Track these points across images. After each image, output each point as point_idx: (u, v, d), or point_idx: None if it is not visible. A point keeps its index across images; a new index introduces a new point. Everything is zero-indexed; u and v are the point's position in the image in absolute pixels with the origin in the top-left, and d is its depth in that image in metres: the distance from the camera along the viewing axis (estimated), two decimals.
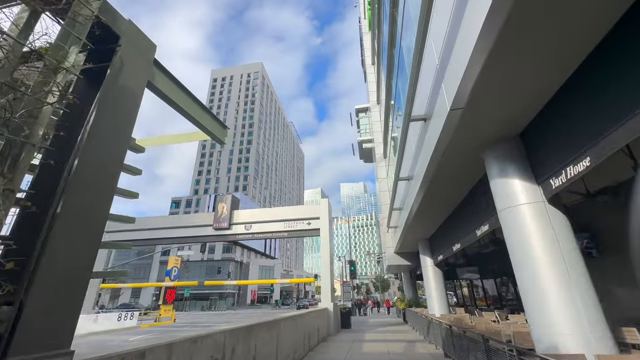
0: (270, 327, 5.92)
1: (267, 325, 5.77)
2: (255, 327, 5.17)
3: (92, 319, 16.83)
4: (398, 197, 11.47)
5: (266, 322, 5.78)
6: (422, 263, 13.40)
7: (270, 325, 5.94)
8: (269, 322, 5.92)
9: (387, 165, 19.21)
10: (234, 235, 16.72)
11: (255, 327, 5.17)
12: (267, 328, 5.80)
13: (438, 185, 7.27)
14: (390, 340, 11.09)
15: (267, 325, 5.77)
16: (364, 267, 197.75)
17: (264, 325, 5.62)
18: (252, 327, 5.08)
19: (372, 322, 20.24)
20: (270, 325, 5.94)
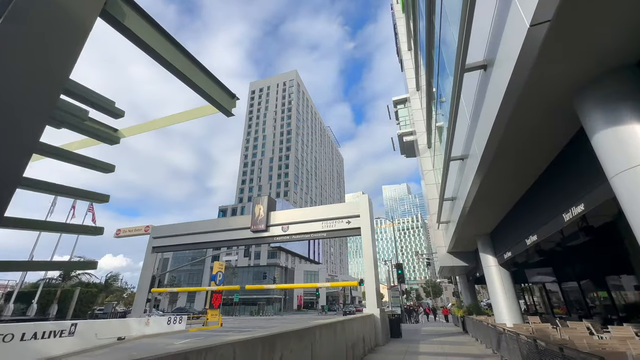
0: (301, 337, 4.91)
1: (296, 335, 4.76)
2: (279, 337, 4.19)
3: (144, 322, 17.39)
4: (450, 185, 9.84)
5: (296, 330, 4.78)
6: (484, 263, 11.44)
7: (301, 334, 4.93)
8: (300, 331, 4.91)
9: (432, 155, 17.36)
10: (272, 237, 16.16)
11: (279, 337, 4.19)
12: (298, 338, 4.80)
13: (504, 161, 5.73)
14: (451, 354, 9.40)
15: (296, 334, 4.77)
16: (412, 271, 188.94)
17: (292, 334, 4.63)
18: (275, 338, 4.11)
19: (426, 330, 18.22)
20: (301, 334, 4.93)
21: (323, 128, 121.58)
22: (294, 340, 4.65)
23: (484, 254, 11.46)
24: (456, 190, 9.43)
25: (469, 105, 5.89)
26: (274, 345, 4.03)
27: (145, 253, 18.87)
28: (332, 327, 6.51)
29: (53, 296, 23.99)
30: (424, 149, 18.24)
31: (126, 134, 5.16)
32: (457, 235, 12.28)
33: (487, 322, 10.81)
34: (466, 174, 7.43)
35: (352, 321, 8.33)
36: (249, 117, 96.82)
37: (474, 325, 12.90)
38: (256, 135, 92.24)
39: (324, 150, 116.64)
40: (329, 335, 6.19)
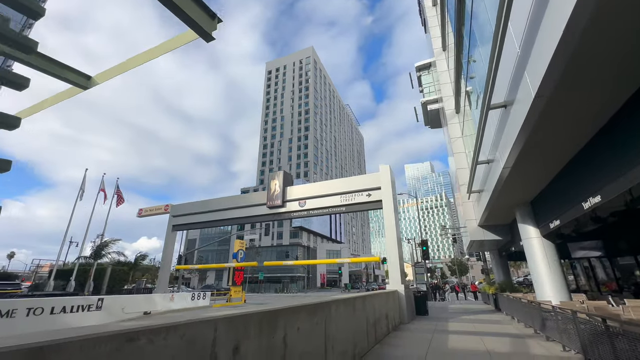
0: (312, 313, 4.15)
1: (306, 310, 4.00)
2: (282, 312, 3.43)
3: (169, 297, 17.76)
4: (485, 144, 8.53)
5: (305, 305, 4.01)
6: (523, 235, 10.16)
7: (312, 310, 4.16)
8: (311, 306, 4.14)
9: (461, 121, 15.73)
10: (288, 213, 15.56)
11: (282, 312, 3.43)
12: (308, 314, 4.03)
13: (571, 96, 4.47)
14: (484, 334, 8.46)
15: (306, 310, 4.00)
16: (436, 250, 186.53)
17: (301, 310, 3.86)
18: (278, 314, 3.34)
19: (454, 308, 17.31)
20: (312, 310, 4.16)
21: (342, 106, 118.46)
22: (303, 317, 3.89)
23: (524, 224, 10.16)
24: (493, 150, 8.13)
25: (519, 30, 4.59)
26: (275, 322, 3.28)
27: (165, 232, 19.03)
28: (351, 302, 5.74)
29: (87, 274, 25.30)
30: (451, 115, 16.59)
31: (100, 79, 4.45)
32: (490, 206, 11.00)
33: (526, 299, 9.70)
34: (509, 126, 6.16)
35: (373, 297, 7.55)
36: (266, 99, 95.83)
37: (509, 303, 11.81)
38: (274, 117, 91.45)
39: (343, 129, 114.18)
40: (346, 312, 5.43)
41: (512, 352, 6.26)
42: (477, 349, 6.47)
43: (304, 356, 3.78)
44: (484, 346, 6.75)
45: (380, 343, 7.06)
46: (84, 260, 26.19)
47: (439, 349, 6.55)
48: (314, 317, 4.20)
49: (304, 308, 3.94)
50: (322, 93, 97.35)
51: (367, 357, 5.77)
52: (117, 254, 26.57)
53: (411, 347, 6.76)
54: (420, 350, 6.37)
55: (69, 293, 19.71)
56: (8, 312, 11.33)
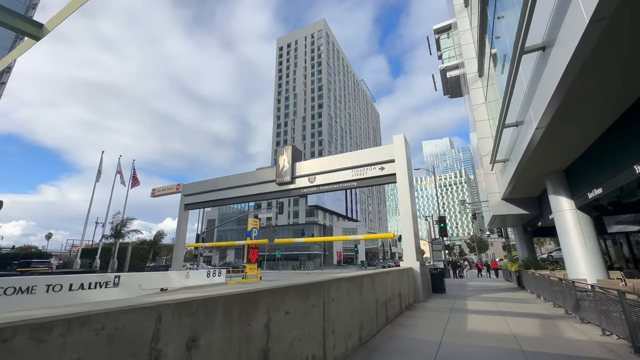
0: (305, 293, 3.56)
1: (297, 291, 3.40)
2: (264, 294, 2.83)
3: (184, 274, 18.06)
4: (515, 103, 7.42)
5: (296, 285, 3.42)
6: (555, 207, 9.11)
7: (305, 290, 3.57)
8: (303, 286, 3.54)
9: (484, 85, 14.26)
10: (298, 190, 14.99)
11: (264, 294, 2.83)
12: (299, 295, 3.45)
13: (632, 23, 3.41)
14: (508, 313, 7.75)
15: (297, 290, 3.41)
16: (454, 227, 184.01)
17: (290, 290, 3.27)
18: (258, 296, 2.75)
19: (473, 285, 16.62)
20: (305, 290, 3.57)
21: (356, 82, 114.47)
22: (294, 299, 3.30)
23: (556, 196, 9.08)
24: (524, 110, 7.03)
25: None
26: (253, 307, 2.69)
27: (178, 211, 19.09)
28: (356, 281, 5.14)
29: (109, 253, 26.33)
30: (473, 80, 15.09)
31: (51, 26, 3.81)
32: (517, 177, 9.93)
33: (555, 277, 8.83)
34: (547, 75, 5.11)
35: (384, 275, 6.94)
36: (278, 76, 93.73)
37: (535, 280, 10.95)
38: (287, 95, 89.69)
39: (358, 105, 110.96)
40: (351, 292, 4.84)
41: (542, 335, 5.54)
42: (501, 332, 5.79)
43: (295, 344, 3.22)
44: (508, 328, 6.06)
45: (392, 324, 6.52)
46: (107, 240, 27.17)
47: (457, 330, 5.92)
48: (308, 299, 3.61)
49: (293, 289, 3.34)
50: (336, 68, 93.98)
51: (374, 340, 5.24)
52: (136, 233, 27.38)
53: (426, 328, 6.17)
54: (435, 332, 5.77)
55: (88, 270, 20.46)
56: (28, 289, 11.69)
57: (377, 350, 4.65)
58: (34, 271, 23.58)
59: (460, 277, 24.35)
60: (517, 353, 4.50)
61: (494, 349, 4.75)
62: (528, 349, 4.64)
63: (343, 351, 4.31)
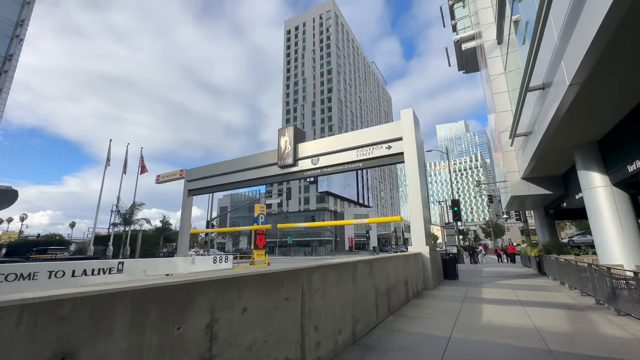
0: (272, 285, 2.84)
1: (259, 281, 2.68)
2: (204, 286, 2.13)
3: (190, 260, 17.91)
4: (541, 64, 6.31)
5: (259, 274, 2.70)
6: (585, 184, 8.03)
7: (271, 281, 2.85)
8: (269, 275, 2.82)
9: (504, 53, 12.88)
10: (301, 172, 14.25)
11: (204, 286, 2.13)
12: (263, 286, 2.73)
13: None
14: (529, 303, 6.90)
15: (259, 280, 2.69)
16: (469, 213, 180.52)
17: (244, 282, 2.55)
18: (193, 288, 2.05)
19: (489, 271, 15.69)
20: (271, 281, 2.85)
21: (367, 64, 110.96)
22: (254, 292, 2.60)
23: (586, 171, 7.98)
24: (553, 68, 5.94)
25: None
26: (190, 303, 1.99)
27: (182, 197, 18.79)
28: (348, 268, 4.40)
29: (120, 239, 26.69)
30: (491, 48, 13.69)
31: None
32: (540, 152, 8.85)
33: (584, 262, 7.85)
34: (587, 15, 4.07)
35: (387, 261, 6.19)
36: (286, 61, 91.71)
37: (559, 266, 9.97)
38: (296, 80, 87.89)
39: (369, 89, 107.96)
40: (342, 280, 4.12)
41: (572, 331, 4.69)
42: (522, 325, 4.99)
43: (258, 347, 2.53)
44: (530, 321, 5.24)
45: (395, 314, 5.81)
46: (117, 227, 27.52)
47: (469, 323, 5.16)
48: (279, 291, 2.90)
49: (255, 279, 2.62)
50: (345, 50, 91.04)
51: (372, 335, 4.54)
52: (146, 221, 27.60)
53: (433, 320, 5.43)
54: (444, 325, 5.02)
55: (92, 257, 20.64)
56: (30, 275, 11.63)
57: (372, 349, 3.95)
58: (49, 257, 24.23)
59: (475, 262, 23.38)
60: (543, 354, 3.71)
61: (514, 348, 3.96)
62: (557, 349, 3.83)
63: (330, 349, 3.63)
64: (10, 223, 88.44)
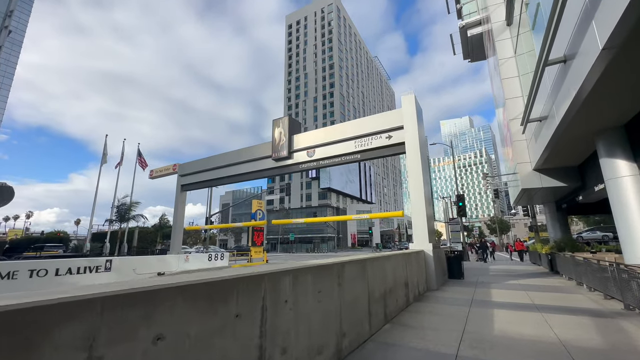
0: (214, 299, 2.06)
1: (186, 293, 1.89)
2: (94, 304, 1.35)
3: (183, 258, 17.26)
4: (562, 34, 5.43)
5: (188, 285, 1.91)
6: (609, 174, 7.13)
7: (212, 292, 2.07)
8: (205, 286, 2.04)
9: (514, 35, 11.92)
10: (296, 165, 13.46)
11: (94, 304, 1.35)
12: (198, 300, 1.95)
13: None
14: (547, 308, 6.07)
15: (186, 292, 1.90)
16: (474, 209, 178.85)
17: (164, 297, 1.77)
18: (44, 316, 1.27)
19: (496, 270, 14.84)
20: (212, 292, 2.07)
21: (370, 59, 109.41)
22: (178, 311, 1.81)
23: (610, 159, 7.08)
24: (577, 37, 5.06)
25: None
26: (39, 345, 1.21)
27: (175, 193, 18.11)
28: (333, 270, 3.60)
29: (121, 236, 26.18)
30: (500, 30, 12.72)
31: None
32: (557, 139, 7.96)
33: (605, 260, 6.99)
34: None
35: (383, 260, 5.39)
36: (288, 56, 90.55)
37: (575, 265, 9.09)
38: (297, 75, 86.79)
39: (371, 84, 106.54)
40: (323, 285, 3.33)
41: (607, 346, 3.87)
42: (542, 338, 4.17)
43: None
44: (551, 332, 4.42)
45: (393, 322, 5.02)
46: (112, 225, 27.00)
47: (479, 335, 4.35)
48: (226, 306, 2.12)
49: (180, 292, 1.83)
50: (347, 45, 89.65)
51: (362, 350, 3.76)
52: (142, 217, 27.06)
53: (437, 331, 4.63)
54: (449, 337, 4.23)
55: (78, 255, 20.09)
56: (9, 274, 11.01)
57: None
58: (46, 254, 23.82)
59: (481, 259, 22.49)
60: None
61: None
62: None
63: None
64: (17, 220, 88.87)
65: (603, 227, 25.03)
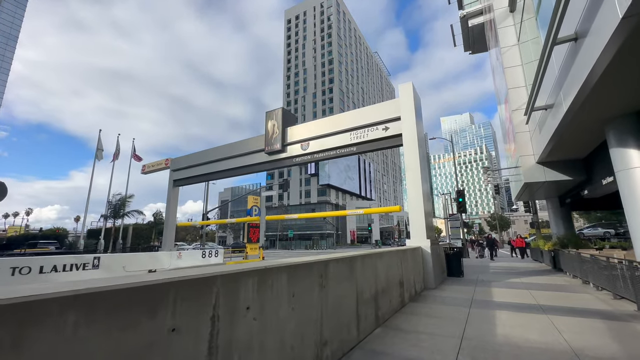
0: (133, 307, 1.58)
1: (96, 301, 1.42)
2: None
3: (176, 255, 16.83)
4: (575, 5, 4.91)
5: (93, 292, 1.44)
6: (619, 165, 6.64)
7: (129, 298, 1.59)
8: (126, 292, 1.56)
9: (517, 22, 11.36)
10: (290, 159, 12.97)
11: None
12: (119, 312, 1.48)
13: None
14: (552, 309, 5.61)
15: (97, 299, 1.42)
16: (474, 206, 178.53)
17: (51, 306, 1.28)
18: None
19: (497, 267, 14.40)
20: (129, 298, 1.59)
21: (370, 54, 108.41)
22: (90, 324, 1.33)
23: (622, 148, 6.59)
24: (591, 11, 4.55)
25: None
26: None
27: (167, 188, 17.63)
28: (311, 270, 3.13)
29: (116, 233, 25.74)
30: (502, 17, 12.15)
31: None
32: (564, 128, 7.46)
33: (614, 257, 6.53)
34: None
35: (375, 257, 4.91)
36: (287, 51, 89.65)
37: (581, 262, 8.63)
38: (296, 70, 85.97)
39: (371, 80, 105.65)
40: (299, 289, 2.85)
41: (625, 355, 3.40)
42: (551, 345, 3.71)
43: None
44: (560, 338, 3.96)
45: (385, 326, 4.56)
46: (106, 221, 26.57)
47: (481, 341, 3.89)
48: (154, 319, 1.64)
49: (87, 300, 1.35)
50: (347, 40, 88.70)
51: (348, 359, 3.29)
52: (138, 213, 26.62)
53: (433, 336, 4.16)
54: (447, 344, 3.76)
55: (63, 252, 19.68)
56: None
57: None
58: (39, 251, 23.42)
59: (481, 256, 22.07)
60: None
61: None
62: None
63: None
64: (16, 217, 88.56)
65: (604, 224, 24.60)
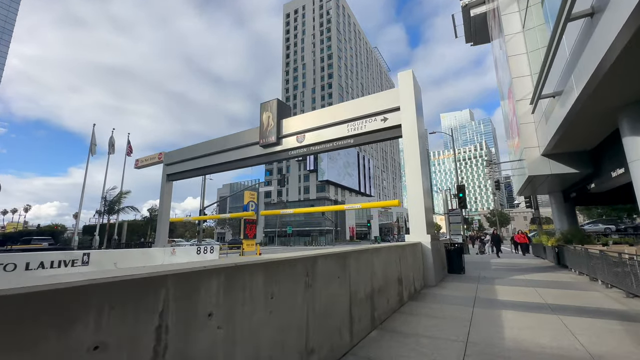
0: (48, 317, 1.15)
1: None
2: None
3: (169, 251, 16.45)
4: None
5: None
6: (633, 155, 6.22)
7: (44, 304, 1.17)
8: (38, 295, 1.15)
9: (522, 8, 10.87)
10: (285, 152, 12.53)
11: None
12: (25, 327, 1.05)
13: None
14: (563, 309, 5.22)
15: None
16: (473, 202, 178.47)
17: None
18: None
19: (499, 263, 14.04)
20: (44, 304, 1.17)
21: (369, 50, 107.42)
22: None
23: (636, 137, 6.17)
24: None
25: None
26: None
27: (161, 183, 17.20)
28: (295, 267, 2.71)
29: (112, 229, 25.36)
30: (507, 3, 11.67)
31: None
32: (573, 117, 7.04)
33: (625, 253, 6.14)
34: None
35: (371, 254, 4.50)
36: (286, 46, 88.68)
37: (588, 258, 8.25)
38: (295, 66, 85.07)
39: (371, 75, 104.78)
40: (279, 290, 2.44)
41: None
42: (568, 351, 3.31)
43: None
44: (577, 342, 3.56)
45: (381, 328, 4.16)
46: (101, 216, 26.17)
47: (488, 346, 3.49)
48: (69, 332, 1.22)
49: None
50: (347, 34, 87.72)
51: None
52: (133, 209, 26.23)
53: (435, 339, 3.77)
54: (450, 349, 3.37)
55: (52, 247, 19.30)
56: None
57: None
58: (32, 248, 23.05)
59: (482, 252, 21.74)
60: None
61: None
62: None
63: None
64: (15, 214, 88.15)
65: (605, 220, 24.29)
